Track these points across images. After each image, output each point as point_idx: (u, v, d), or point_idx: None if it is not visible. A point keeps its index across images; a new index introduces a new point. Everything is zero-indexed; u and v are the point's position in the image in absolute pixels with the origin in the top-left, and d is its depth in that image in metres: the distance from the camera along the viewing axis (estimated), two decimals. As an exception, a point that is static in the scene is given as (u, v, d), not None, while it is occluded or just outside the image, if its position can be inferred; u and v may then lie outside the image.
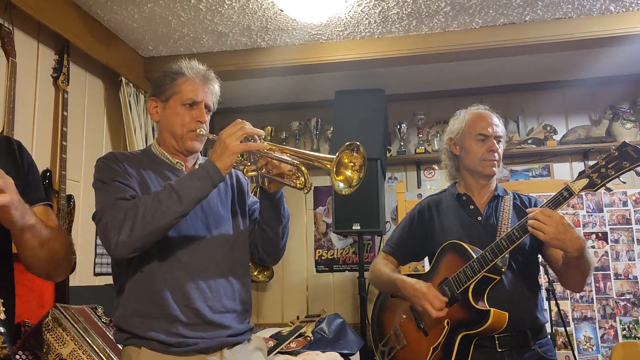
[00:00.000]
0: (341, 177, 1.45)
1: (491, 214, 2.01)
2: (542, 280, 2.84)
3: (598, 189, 1.72)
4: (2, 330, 0.89)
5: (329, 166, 1.41)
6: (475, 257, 1.86)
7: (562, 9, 3.10)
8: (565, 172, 4.10)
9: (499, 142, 2.02)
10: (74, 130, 3.00)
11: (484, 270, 1.83)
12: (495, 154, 2.00)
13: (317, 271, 4.34)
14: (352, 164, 1.45)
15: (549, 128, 4.10)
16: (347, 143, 1.43)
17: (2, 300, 0.93)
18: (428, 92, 4.30)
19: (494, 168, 2.00)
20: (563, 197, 1.75)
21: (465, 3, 3.01)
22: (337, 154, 1.41)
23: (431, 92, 4.30)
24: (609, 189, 1.73)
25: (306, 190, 1.51)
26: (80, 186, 3.02)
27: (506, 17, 3.19)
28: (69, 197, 2.83)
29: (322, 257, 4.34)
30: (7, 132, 2.35)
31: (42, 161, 2.75)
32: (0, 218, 1.09)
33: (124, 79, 3.35)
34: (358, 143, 1.44)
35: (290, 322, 3.71)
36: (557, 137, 4.08)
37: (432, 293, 1.89)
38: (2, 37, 2.44)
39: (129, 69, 3.43)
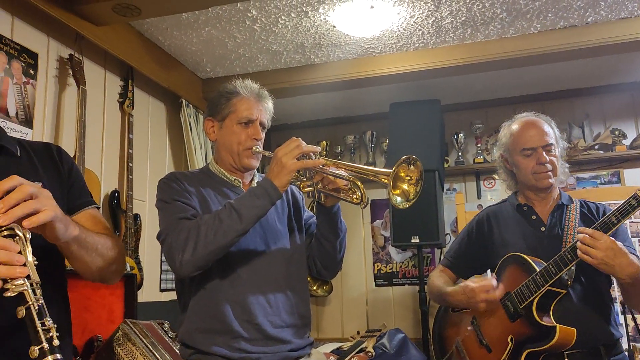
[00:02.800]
0: (398, 191, 1.43)
1: (555, 223, 1.91)
2: (617, 292, 2.68)
3: None
4: (59, 357, 0.92)
5: (385, 180, 1.40)
6: (538, 270, 1.78)
7: (627, 7, 2.95)
8: (637, 178, 3.87)
9: (548, 151, 1.90)
10: (139, 151, 3.15)
11: (548, 284, 1.75)
12: (547, 165, 1.89)
13: (377, 285, 4.30)
14: (408, 178, 1.43)
15: (617, 132, 3.89)
16: (404, 157, 1.41)
17: (55, 326, 0.93)
18: (485, 100, 4.20)
19: (549, 180, 1.90)
20: (631, 206, 1.65)
21: (522, 8, 2.93)
22: (393, 168, 1.40)
23: (489, 101, 4.20)
24: None
25: (363, 205, 1.50)
26: (146, 205, 3.15)
27: (566, 20, 3.07)
28: (136, 216, 2.95)
29: (381, 271, 4.30)
30: (78, 156, 2.49)
31: (110, 182, 2.90)
32: (45, 234, 1.06)
33: (184, 101, 3.49)
34: (415, 156, 1.42)
35: (351, 337, 3.68)
36: (627, 142, 3.87)
37: (479, 284, 1.81)
38: (73, 67, 2.60)
39: (188, 91, 3.56)
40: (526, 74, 3.69)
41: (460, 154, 4.18)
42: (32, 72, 2.44)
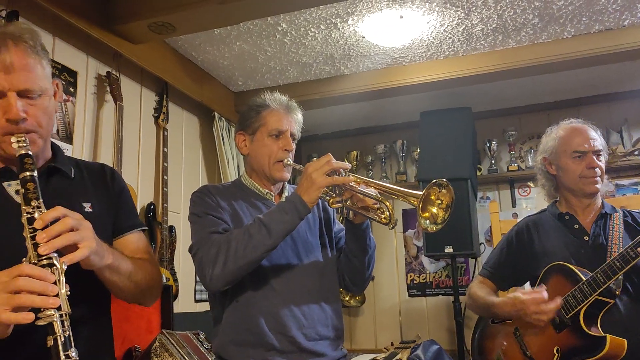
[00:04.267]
0: (427, 214, 1.41)
1: (599, 233, 1.87)
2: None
3: None
4: None
5: (414, 202, 1.39)
6: (584, 279, 1.74)
7: (665, 9, 2.88)
8: (680, 184, 3.74)
9: (598, 156, 1.89)
10: (174, 164, 3.22)
11: (596, 293, 1.71)
12: (597, 170, 1.87)
13: (410, 295, 4.25)
14: (439, 201, 1.41)
15: (658, 137, 3.78)
16: (435, 180, 1.40)
17: (77, 358, 0.99)
18: (518, 106, 4.14)
19: (596, 185, 1.87)
20: None
21: (554, 13, 2.88)
22: (424, 191, 1.39)
23: (522, 107, 4.14)
24: None
25: (391, 226, 1.48)
26: (181, 217, 3.21)
27: (601, 23, 3.01)
28: (171, 228, 3.01)
29: (414, 281, 4.25)
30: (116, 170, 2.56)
31: (146, 195, 2.97)
32: (81, 264, 1.10)
33: (216, 114, 3.55)
34: (446, 181, 1.40)
35: (385, 348, 3.65)
36: (669, 147, 3.75)
37: (531, 296, 1.75)
38: (111, 84, 2.68)
39: (221, 105, 3.63)
40: (560, 79, 3.62)
41: (493, 161, 4.12)
42: (72, 89, 2.53)
